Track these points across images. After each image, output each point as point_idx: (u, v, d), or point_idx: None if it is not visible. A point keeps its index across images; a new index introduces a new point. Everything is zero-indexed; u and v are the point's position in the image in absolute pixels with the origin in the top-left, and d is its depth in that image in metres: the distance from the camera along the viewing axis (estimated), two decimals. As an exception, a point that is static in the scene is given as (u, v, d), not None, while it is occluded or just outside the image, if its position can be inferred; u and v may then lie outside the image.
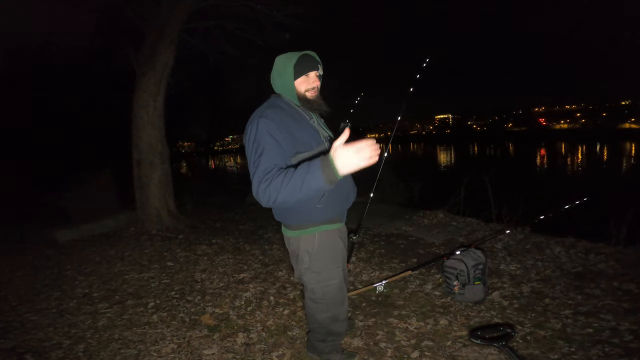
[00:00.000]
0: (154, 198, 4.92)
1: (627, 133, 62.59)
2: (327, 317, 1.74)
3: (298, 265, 1.69)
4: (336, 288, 1.69)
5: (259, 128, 1.43)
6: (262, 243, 4.09)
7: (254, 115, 1.50)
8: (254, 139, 1.44)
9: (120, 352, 2.20)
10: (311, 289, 1.70)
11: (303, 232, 1.61)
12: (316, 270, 1.64)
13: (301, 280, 1.73)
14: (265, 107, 1.54)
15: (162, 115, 4.93)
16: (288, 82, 1.56)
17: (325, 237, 1.63)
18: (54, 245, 4.58)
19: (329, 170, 1.20)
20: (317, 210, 1.55)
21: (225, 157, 23.90)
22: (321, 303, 1.70)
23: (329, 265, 1.66)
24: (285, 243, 1.76)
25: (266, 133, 1.42)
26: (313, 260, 1.62)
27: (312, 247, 1.61)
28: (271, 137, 1.42)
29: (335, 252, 1.68)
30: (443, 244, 3.62)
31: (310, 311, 1.77)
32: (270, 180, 1.32)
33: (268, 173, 1.35)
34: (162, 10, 4.68)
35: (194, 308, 2.68)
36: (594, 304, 2.29)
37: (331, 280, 1.67)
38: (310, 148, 1.51)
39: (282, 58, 1.59)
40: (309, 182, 1.24)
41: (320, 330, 1.80)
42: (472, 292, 2.40)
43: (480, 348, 1.94)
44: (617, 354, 1.84)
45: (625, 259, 2.86)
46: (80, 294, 3.09)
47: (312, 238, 1.61)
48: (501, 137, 71.13)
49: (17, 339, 2.43)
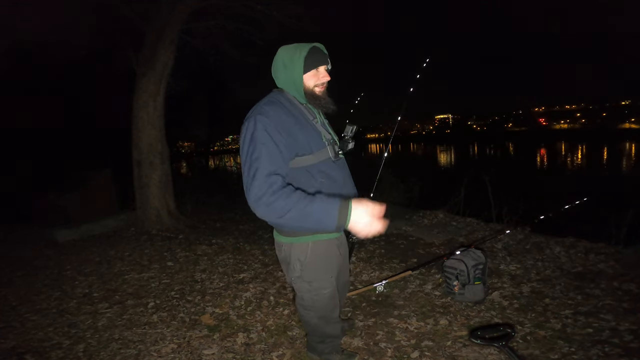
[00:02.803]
0: (154, 198, 4.92)
1: (627, 133, 62.57)
2: (317, 323, 1.69)
3: (289, 272, 1.58)
4: (327, 297, 1.60)
5: (257, 127, 1.31)
6: (262, 243, 4.09)
7: (252, 112, 1.38)
8: (250, 138, 1.31)
9: (120, 352, 2.20)
10: (300, 297, 1.62)
11: (296, 240, 1.49)
12: (307, 279, 1.54)
13: (292, 285, 1.65)
14: (264, 103, 1.41)
15: (162, 115, 4.93)
16: (296, 75, 1.42)
17: (320, 247, 1.51)
18: (54, 245, 4.58)
19: (343, 218, 1.19)
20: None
21: (225, 157, 23.90)
22: (310, 310, 1.63)
23: (321, 275, 1.55)
24: (275, 248, 1.64)
25: (265, 133, 1.30)
26: (305, 269, 1.52)
27: (304, 256, 1.50)
28: (270, 138, 1.30)
29: (330, 263, 1.57)
30: (443, 244, 3.62)
31: (301, 316, 1.73)
32: (278, 194, 1.22)
33: (273, 184, 1.24)
34: (162, 10, 4.68)
35: (194, 308, 2.68)
36: (594, 304, 2.29)
37: (322, 289, 1.57)
38: (309, 151, 1.40)
39: (288, 49, 1.45)
40: (320, 219, 1.21)
41: (315, 333, 1.79)
42: (472, 292, 2.40)
43: (480, 348, 1.94)
44: (617, 354, 1.84)
45: (625, 259, 2.86)
46: (80, 294, 3.09)
47: (305, 247, 1.49)
48: (501, 137, 71.12)
49: (17, 339, 2.43)
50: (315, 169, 1.42)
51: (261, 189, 1.24)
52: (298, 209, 1.21)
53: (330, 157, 1.47)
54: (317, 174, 1.43)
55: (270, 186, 1.24)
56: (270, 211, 1.24)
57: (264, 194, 1.23)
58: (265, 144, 1.29)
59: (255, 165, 1.27)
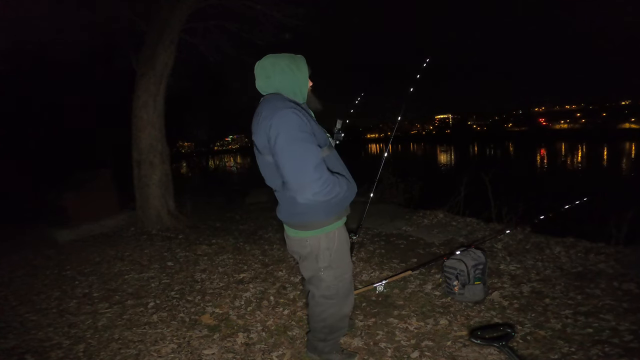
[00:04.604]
0: (154, 198, 4.92)
1: (627, 133, 62.58)
2: (334, 313, 1.74)
3: (317, 264, 1.63)
4: (348, 282, 1.73)
5: (292, 118, 1.39)
6: (262, 243, 4.09)
7: (277, 108, 1.42)
8: (287, 128, 1.37)
9: (120, 352, 2.20)
10: (327, 286, 1.68)
11: (323, 230, 1.58)
12: (335, 266, 1.65)
13: (312, 280, 1.70)
14: (281, 101, 1.48)
15: (162, 115, 4.93)
16: (303, 81, 1.57)
17: (342, 233, 1.67)
18: (54, 245, 4.58)
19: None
20: (335, 205, 1.56)
21: (225, 157, 23.91)
22: (334, 299, 1.71)
23: (345, 260, 1.69)
24: (292, 246, 1.69)
25: (301, 121, 1.40)
26: (333, 257, 1.63)
27: (333, 244, 1.61)
28: (307, 126, 1.42)
29: (348, 247, 1.73)
30: (443, 244, 3.62)
31: (320, 309, 1.74)
32: (332, 180, 1.40)
33: (325, 171, 1.40)
34: (162, 10, 4.69)
35: (194, 308, 2.68)
36: (594, 304, 2.29)
37: (345, 274, 1.71)
38: (324, 142, 1.55)
39: (290, 59, 1.56)
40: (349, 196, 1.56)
41: (323, 330, 1.79)
42: (472, 292, 2.40)
43: (480, 348, 1.94)
44: (617, 354, 1.84)
45: (625, 259, 2.86)
46: (80, 294, 3.09)
47: (333, 235, 1.61)
48: (501, 137, 71.16)
49: (17, 339, 2.43)
50: (327, 160, 1.54)
51: (321, 170, 1.38)
52: (344, 190, 1.47)
53: (333, 150, 1.64)
54: (330, 163, 1.56)
55: (324, 172, 1.39)
56: (330, 191, 1.39)
57: (323, 176, 1.38)
58: (309, 135, 1.41)
59: (310, 154, 1.37)
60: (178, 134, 14.26)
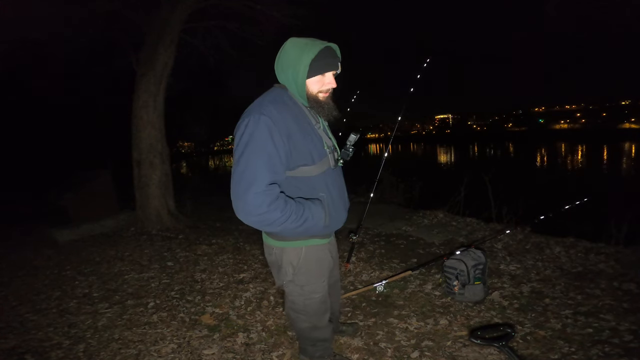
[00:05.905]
0: (154, 198, 4.92)
1: (627, 133, 62.59)
2: (306, 327, 1.64)
3: (280, 276, 1.53)
4: (318, 302, 1.56)
5: (260, 127, 1.21)
6: (262, 243, 4.08)
7: (254, 109, 1.27)
8: (249, 138, 1.21)
9: (120, 352, 2.20)
10: (291, 300, 1.57)
11: (289, 244, 1.44)
12: (300, 284, 1.49)
13: (281, 288, 1.61)
14: (268, 100, 1.30)
15: (162, 115, 4.93)
16: (299, 78, 1.31)
17: (313, 252, 1.47)
18: (54, 245, 4.57)
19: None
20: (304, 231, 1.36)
21: (225, 157, 23.90)
22: (301, 314, 1.59)
23: (313, 280, 1.51)
24: (264, 251, 1.59)
25: (268, 135, 1.21)
26: (297, 273, 1.47)
27: (297, 260, 1.45)
28: (272, 142, 1.21)
29: (322, 267, 1.53)
30: (443, 244, 3.62)
31: (292, 318, 1.66)
32: (274, 206, 1.18)
33: (272, 191, 1.19)
34: (162, 10, 4.68)
35: (194, 308, 2.68)
36: (594, 304, 2.29)
37: (314, 294, 1.53)
38: (311, 160, 1.33)
39: (297, 45, 1.31)
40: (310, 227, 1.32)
41: (305, 337, 1.72)
42: (472, 292, 2.40)
43: (480, 348, 1.94)
44: (617, 354, 1.84)
45: (625, 259, 2.86)
46: (80, 294, 3.09)
47: (298, 251, 1.45)
48: (501, 137, 71.19)
49: (17, 339, 2.43)
50: (315, 180, 1.37)
51: (257, 199, 1.18)
52: (291, 220, 1.24)
53: (330, 166, 1.42)
54: (317, 185, 1.38)
55: (268, 196, 1.19)
56: (268, 219, 1.22)
57: (260, 205, 1.18)
58: (267, 148, 1.21)
59: (253, 171, 1.19)
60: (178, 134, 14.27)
